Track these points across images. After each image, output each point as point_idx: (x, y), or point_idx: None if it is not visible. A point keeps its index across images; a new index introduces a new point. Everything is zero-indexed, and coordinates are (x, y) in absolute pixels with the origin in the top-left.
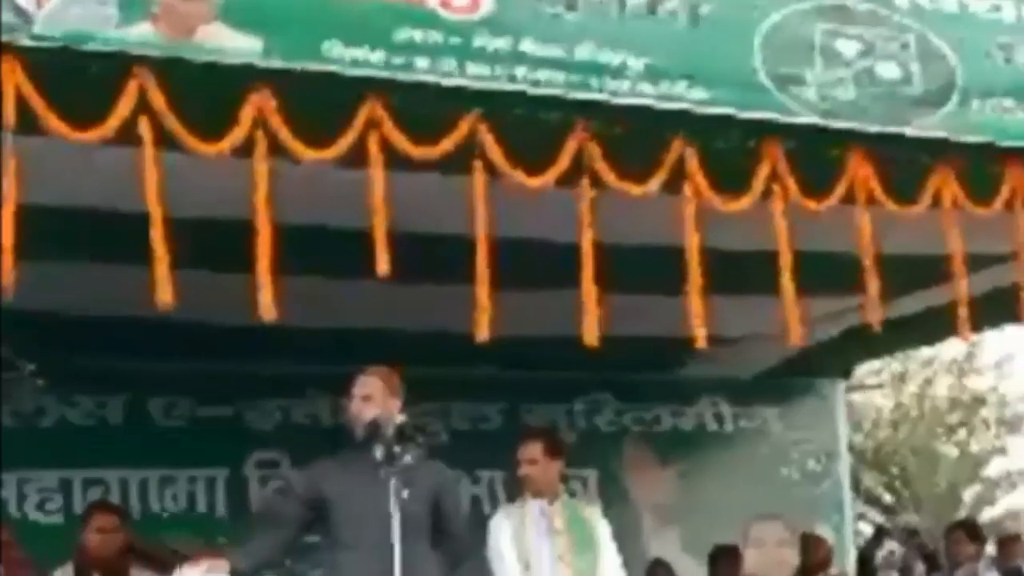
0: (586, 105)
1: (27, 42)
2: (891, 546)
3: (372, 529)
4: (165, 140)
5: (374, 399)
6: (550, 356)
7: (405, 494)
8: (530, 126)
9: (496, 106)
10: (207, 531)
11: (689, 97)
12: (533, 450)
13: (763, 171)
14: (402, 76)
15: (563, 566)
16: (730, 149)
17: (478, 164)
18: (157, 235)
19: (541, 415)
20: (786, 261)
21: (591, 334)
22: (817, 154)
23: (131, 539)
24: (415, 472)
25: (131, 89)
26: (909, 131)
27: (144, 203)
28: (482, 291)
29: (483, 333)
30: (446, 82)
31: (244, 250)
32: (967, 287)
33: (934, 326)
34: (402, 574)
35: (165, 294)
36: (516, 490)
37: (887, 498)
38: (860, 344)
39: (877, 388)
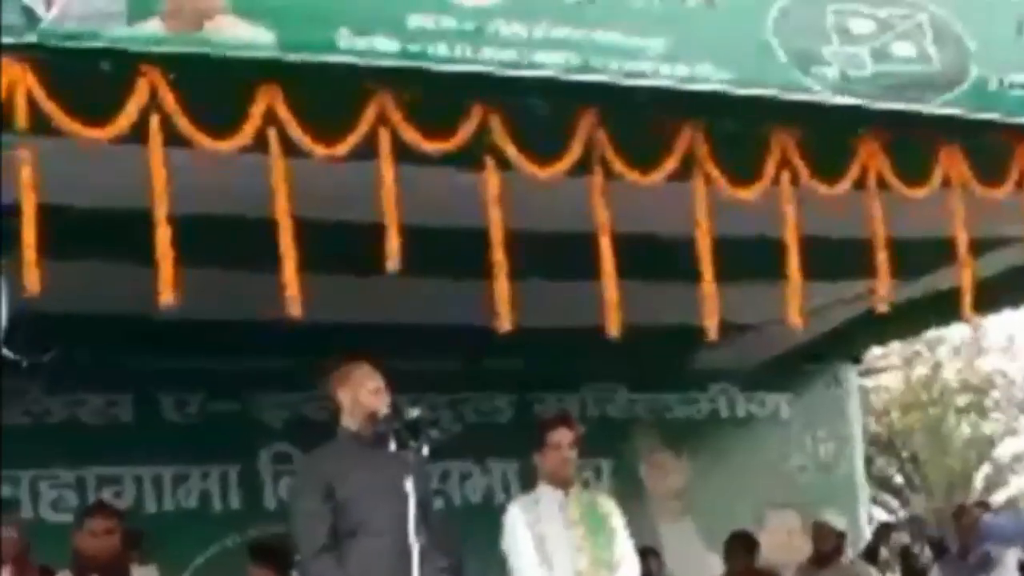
0: (600, 89)
1: (35, 41)
2: (899, 538)
3: (388, 521)
4: (176, 138)
5: (383, 391)
6: (561, 346)
7: (415, 486)
8: (542, 113)
9: (510, 93)
10: (222, 528)
11: (704, 78)
12: (568, 435)
13: (774, 157)
14: (413, 64)
15: (581, 556)
16: (742, 132)
17: (490, 158)
18: (163, 234)
19: (552, 405)
20: (793, 246)
21: (613, 325)
22: (831, 135)
23: (131, 537)
24: (424, 465)
25: (141, 87)
26: (925, 110)
27: (153, 202)
28: (501, 284)
29: (505, 325)
30: (459, 69)
31: (255, 247)
32: (977, 270)
33: (945, 309)
34: (419, 565)
35: (167, 294)
36: (532, 479)
37: (898, 480)
38: (871, 329)
39: (885, 371)
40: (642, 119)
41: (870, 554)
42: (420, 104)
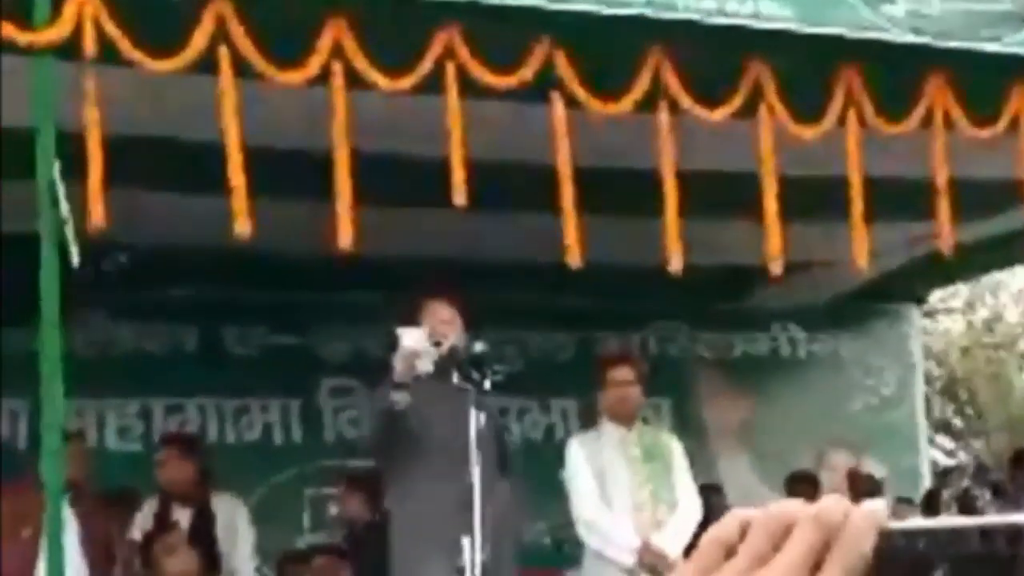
0: (663, 26)
1: None
2: (963, 484)
3: (450, 453)
4: (243, 70)
5: (452, 325)
6: (623, 285)
7: (483, 419)
8: (606, 50)
9: (573, 30)
10: (283, 460)
11: (771, 15)
12: (627, 372)
13: (840, 95)
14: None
15: (641, 491)
16: (808, 70)
17: (556, 93)
18: (235, 165)
19: (613, 343)
20: (857, 185)
21: (676, 261)
22: (898, 74)
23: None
24: (488, 400)
25: (209, 18)
26: (994, 48)
27: (219, 133)
28: (570, 220)
29: (575, 261)
30: (524, 3)
31: (319, 179)
32: None
33: (1008, 252)
34: (481, 496)
35: (243, 224)
36: (592, 416)
37: (957, 424)
38: (934, 270)
39: (947, 314)
40: (708, 56)
41: (931, 497)
42: (486, 39)
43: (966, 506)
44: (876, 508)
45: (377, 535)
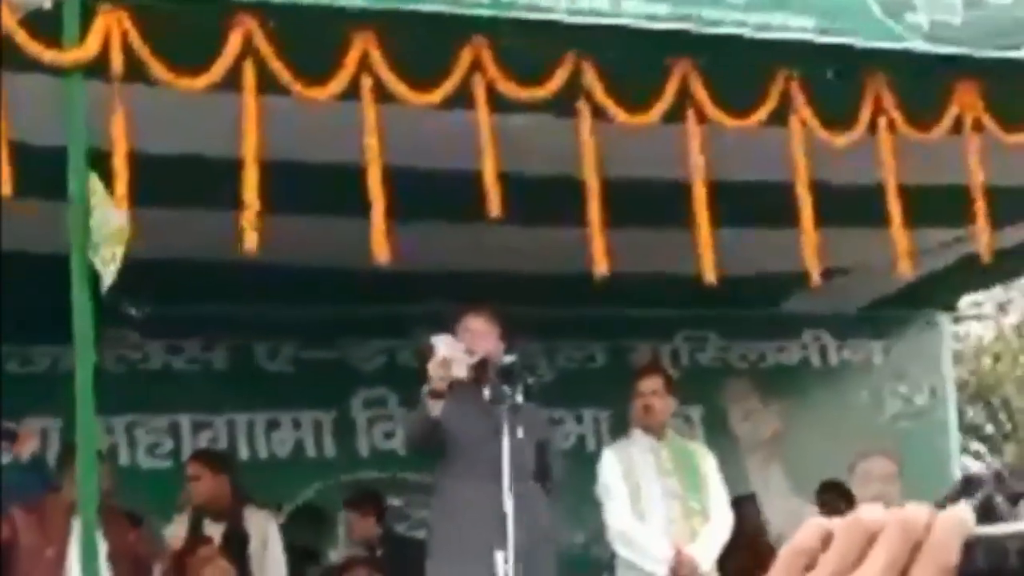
0: (688, 38)
1: None
2: (985, 491)
3: (484, 464)
4: (270, 85)
5: (487, 337)
6: (654, 293)
7: (520, 433)
8: (633, 62)
9: (599, 43)
10: (315, 474)
11: (794, 26)
12: (654, 383)
13: (868, 102)
14: (508, 13)
15: (674, 503)
16: (835, 80)
17: (584, 105)
18: (250, 181)
19: (645, 353)
20: (893, 192)
21: (708, 271)
22: (925, 82)
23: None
24: (522, 412)
25: (236, 35)
26: (1015, 55)
27: (247, 149)
28: (596, 230)
29: (601, 270)
30: (552, 18)
31: (348, 194)
32: None
33: None
34: (513, 508)
35: (252, 240)
36: (624, 426)
37: (989, 429)
38: (967, 275)
39: (977, 319)
40: (736, 66)
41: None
42: (513, 52)
43: (987, 517)
44: (962, 515)
45: (405, 546)
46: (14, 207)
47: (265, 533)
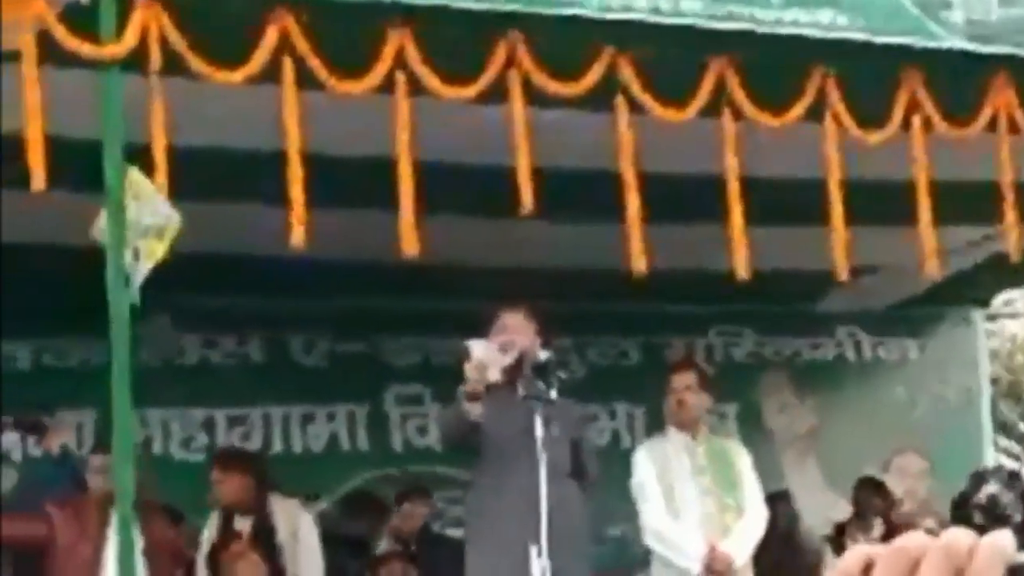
0: (725, 35)
1: None
2: (991, 489)
3: (519, 459)
4: (306, 80)
5: (523, 333)
6: (689, 289)
7: (556, 431)
8: (669, 58)
9: (635, 38)
10: (349, 468)
11: (830, 23)
12: (687, 378)
13: (903, 99)
14: (541, 10)
15: (708, 501)
16: (871, 77)
17: (621, 100)
18: (295, 177)
19: (679, 349)
20: (924, 190)
21: (742, 267)
22: (960, 79)
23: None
24: (557, 408)
25: (273, 29)
26: None
27: (283, 142)
28: (635, 226)
29: (639, 267)
30: (588, 14)
31: (383, 188)
32: None
33: None
34: (548, 505)
35: (299, 234)
36: (658, 423)
37: (1022, 428)
38: (1000, 273)
39: (1011, 317)
40: (772, 63)
41: (962, 502)
42: (549, 47)
43: (992, 516)
44: (1004, 542)
45: (439, 544)
46: (52, 200)
47: (295, 523)
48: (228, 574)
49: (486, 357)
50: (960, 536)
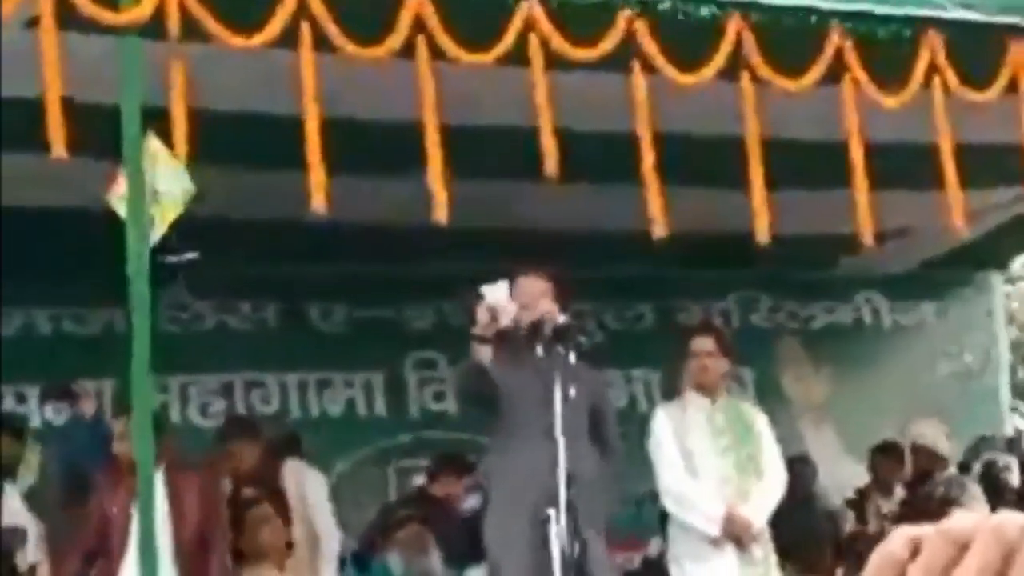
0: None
1: None
2: (990, 456)
3: (537, 422)
4: (324, 44)
5: (543, 297)
6: (707, 254)
7: (573, 392)
8: (687, 21)
9: (652, 1)
10: (366, 434)
11: None
12: (707, 343)
13: (922, 62)
14: None
15: (726, 463)
16: (888, 41)
17: (636, 63)
18: (313, 143)
19: (695, 314)
20: (947, 152)
21: (762, 232)
22: (978, 42)
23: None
24: (575, 371)
25: None
26: None
27: (300, 107)
28: (654, 190)
29: (660, 231)
30: None
31: (402, 152)
32: None
33: None
34: (566, 466)
35: (319, 199)
36: (676, 387)
37: None
38: (1018, 236)
39: None
40: (789, 27)
41: (963, 468)
42: (568, 11)
43: (990, 482)
44: None
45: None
46: (72, 166)
47: (302, 486)
48: (257, 531)
49: (496, 301)
50: (1010, 519)
